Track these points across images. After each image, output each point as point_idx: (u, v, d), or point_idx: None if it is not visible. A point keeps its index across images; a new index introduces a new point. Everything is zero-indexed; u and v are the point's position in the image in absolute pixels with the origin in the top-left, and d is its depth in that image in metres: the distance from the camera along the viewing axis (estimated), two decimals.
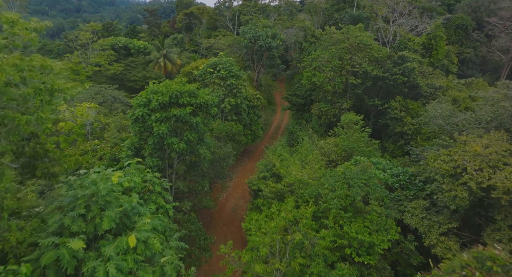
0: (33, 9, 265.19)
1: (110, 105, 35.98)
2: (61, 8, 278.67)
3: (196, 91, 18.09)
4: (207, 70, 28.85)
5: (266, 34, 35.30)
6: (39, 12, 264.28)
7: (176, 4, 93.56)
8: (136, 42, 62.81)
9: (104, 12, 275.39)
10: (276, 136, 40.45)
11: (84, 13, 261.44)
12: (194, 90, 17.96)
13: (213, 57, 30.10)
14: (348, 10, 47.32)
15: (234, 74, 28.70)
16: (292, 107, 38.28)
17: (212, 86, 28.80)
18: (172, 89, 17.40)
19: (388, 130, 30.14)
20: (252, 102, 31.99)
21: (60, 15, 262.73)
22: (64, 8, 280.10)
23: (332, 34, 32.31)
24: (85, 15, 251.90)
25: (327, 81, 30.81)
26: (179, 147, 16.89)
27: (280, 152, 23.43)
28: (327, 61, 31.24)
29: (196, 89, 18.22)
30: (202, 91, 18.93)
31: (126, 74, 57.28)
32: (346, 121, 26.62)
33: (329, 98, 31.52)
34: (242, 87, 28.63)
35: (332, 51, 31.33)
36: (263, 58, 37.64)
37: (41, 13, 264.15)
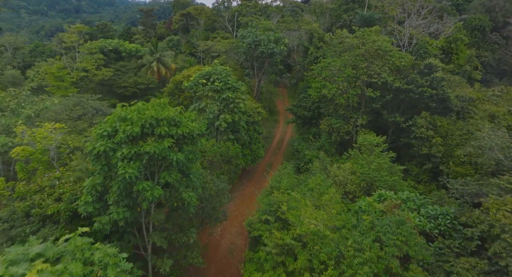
0: (32, 10, 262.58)
1: (91, 118, 31.62)
2: (60, 8, 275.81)
3: (179, 118, 13.71)
4: (199, 81, 24.50)
5: (268, 38, 30.96)
6: (38, 12, 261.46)
7: (173, 5, 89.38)
8: (128, 45, 58.50)
9: (104, 13, 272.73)
10: (280, 151, 36.04)
11: (84, 14, 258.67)
12: (175, 116, 13.59)
13: (208, 66, 25.70)
14: (358, 11, 42.99)
15: (230, 86, 24.35)
16: (297, 120, 33.93)
17: (205, 100, 24.45)
18: (146, 115, 13.03)
19: (411, 150, 25.75)
20: (252, 117, 27.64)
21: (59, 16, 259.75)
22: (64, 8, 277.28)
23: (344, 39, 27.95)
24: (84, 15, 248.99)
25: (339, 93, 26.44)
26: (153, 194, 12.51)
27: (286, 185, 19.04)
28: (340, 70, 26.88)
29: (178, 115, 13.85)
30: (186, 116, 14.57)
31: (116, 79, 52.98)
32: (364, 143, 22.23)
33: (341, 113, 27.15)
34: (241, 101, 24.28)
35: (345, 58, 26.98)
36: (265, 65, 33.29)
37: (40, 13, 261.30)
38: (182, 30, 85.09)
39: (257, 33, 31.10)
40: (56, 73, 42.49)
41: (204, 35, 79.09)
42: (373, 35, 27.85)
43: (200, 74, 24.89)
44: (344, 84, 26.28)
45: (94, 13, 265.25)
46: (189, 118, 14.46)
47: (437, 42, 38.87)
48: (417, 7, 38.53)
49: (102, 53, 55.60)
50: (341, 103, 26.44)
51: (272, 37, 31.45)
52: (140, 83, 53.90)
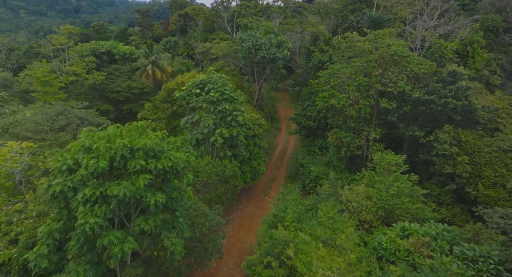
0: (32, 10, 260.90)
1: (75, 129, 28.76)
2: (60, 8, 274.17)
3: (159, 147, 10.83)
4: (193, 91, 21.62)
5: (269, 42, 28.08)
6: (37, 13, 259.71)
7: (170, 5, 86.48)
8: (121, 47, 55.64)
9: (103, 13, 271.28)
10: (282, 164, 33.12)
11: (83, 14, 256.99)
12: (155, 145, 10.70)
13: (203, 74, 22.81)
14: (366, 11, 40.12)
15: (228, 96, 21.48)
16: (301, 130, 31.02)
17: (200, 113, 21.57)
18: (117, 145, 10.16)
19: (431, 168, 22.87)
20: (252, 129, 24.76)
21: (59, 16, 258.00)
22: (63, 8, 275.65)
23: (355, 43, 25.05)
24: (83, 15, 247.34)
25: (349, 103, 23.56)
26: (123, 250, 9.62)
27: (292, 217, 16.15)
28: (350, 78, 24.00)
29: (159, 143, 10.96)
30: (171, 141, 11.72)
31: (109, 84, 50.08)
32: (381, 163, 19.33)
33: (351, 125, 24.26)
34: (239, 114, 21.40)
35: (357, 64, 24.09)
36: (266, 71, 30.40)
37: (39, 13, 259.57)
38: (180, 31, 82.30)
39: (258, 36, 28.15)
40: (42, 77, 39.61)
41: (203, 36, 76.28)
42: (387, 38, 24.97)
43: (194, 83, 22.01)
44: (355, 94, 23.39)
45: (93, 13, 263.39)
46: (173, 145, 11.59)
47: (452, 44, 35.99)
48: (431, 7, 35.60)
49: (95, 56, 52.75)
50: (351, 115, 23.55)
51: (274, 40, 28.49)
52: (134, 88, 51.01)
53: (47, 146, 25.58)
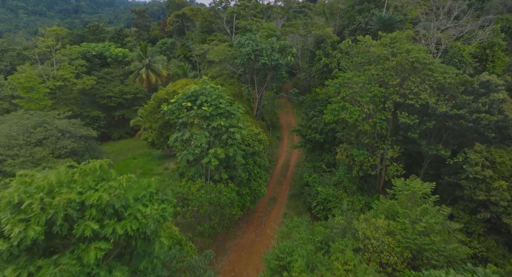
0: (31, 10, 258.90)
1: (55, 143, 25.74)
2: (59, 9, 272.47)
3: (122, 200, 7.77)
4: (183, 104, 18.60)
5: (271, 46, 25.03)
6: (37, 13, 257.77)
7: (167, 5, 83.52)
8: (114, 50, 52.66)
9: (103, 13, 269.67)
10: (285, 179, 30.06)
11: (82, 14, 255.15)
12: (116, 198, 7.65)
13: (194, 84, 19.80)
14: (375, 11, 37.10)
15: (223, 111, 18.46)
16: (306, 144, 27.98)
17: (190, 129, 18.54)
18: (58, 202, 7.12)
19: (459, 192, 19.84)
20: (251, 146, 21.71)
21: (58, 16, 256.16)
22: (62, 8, 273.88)
23: (369, 47, 22.01)
24: (83, 15, 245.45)
25: (363, 117, 20.53)
26: None
27: (301, 265, 13.11)
28: (363, 88, 20.96)
29: (122, 194, 7.91)
30: (143, 185, 8.70)
31: (99, 88, 47.13)
32: (405, 191, 16.28)
33: (365, 142, 21.22)
34: (237, 131, 18.38)
35: (372, 72, 21.04)
36: (267, 79, 27.35)
37: (39, 13, 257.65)
38: (177, 32, 79.34)
39: (258, 40, 25.04)
40: (25, 83, 36.60)
41: (201, 38, 73.32)
42: (406, 42, 21.95)
43: (184, 95, 18.97)
44: (370, 106, 20.35)
45: (93, 14, 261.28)
46: (145, 192, 8.58)
47: (470, 47, 32.94)
48: (447, 7, 32.55)
49: (85, 59, 49.81)
50: (365, 130, 20.51)
51: (277, 45, 25.37)
52: (127, 93, 48.05)
53: (19, 163, 22.60)
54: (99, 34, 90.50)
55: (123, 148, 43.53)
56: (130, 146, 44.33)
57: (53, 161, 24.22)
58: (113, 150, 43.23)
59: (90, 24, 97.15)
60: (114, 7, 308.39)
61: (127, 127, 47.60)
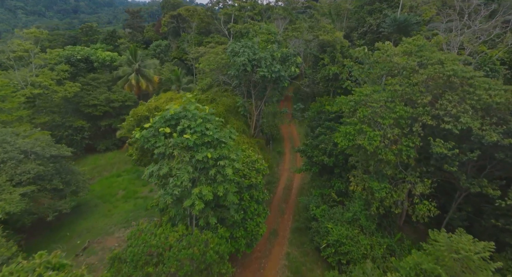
0: (30, 10, 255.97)
1: (14, 167, 21.70)
2: (58, 9, 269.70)
3: None
4: (160, 130, 14.62)
5: (271, 55, 20.92)
6: (35, 13, 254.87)
7: (162, 5, 79.55)
8: (101, 53, 48.62)
9: (102, 13, 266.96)
10: (287, 206, 26.01)
11: (82, 14, 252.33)
12: None
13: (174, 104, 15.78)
14: (387, 12, 33.11)
15: (211, 139, 14.49)
16: (313, 167, 23.94)
17: (169, 163, 14.56)
18: None
19: (509, 238, 15.87)
20: (248, 177, 17.70)
21: (57, 16, 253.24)
22: (61, 9, 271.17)
23: (391, 57, 17.98)
24: (82, 16, 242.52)
25: (385, 143, 16.53)
26: None
27: None
28: (385, 107, 16.97)
29: None
30: None
31: (84, 96, 43.09)
32: (454, 254, 12.27)
33: (387, 173, 17.22)
34: (228, 164, 14.40)
35: (396, 88, 17.02)
36: (267, 92, 23.22)
37: (37, 14, 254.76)
38: (173, 33, 75.32)
39: (255, 47, 20.91)
40: None
41: (197, 40, 69.38)
42: (436, 50, 17.96)
43: (162, 118, 14.98)
44: (394, 130, 16.36)
45: (92, 14, 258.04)
46: None
47: (499, 53, 28.92)
48: (474, 6, 28.48)
49: (69, 64, 45.80)
50: (388, 160, 16.51)
51: (278, 53, 21.20)
52: (114, 100, 44.01)
53: None
54: (92, 35, 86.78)
55: (108, 163, 39.54)
56: (116, 159, 40.33)
57: (10, 190, 20.24)
58: (97, 165, 39.28)
59: (83, 25, 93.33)
60: (114, 7, 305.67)
61: (114, 138, 43.57)
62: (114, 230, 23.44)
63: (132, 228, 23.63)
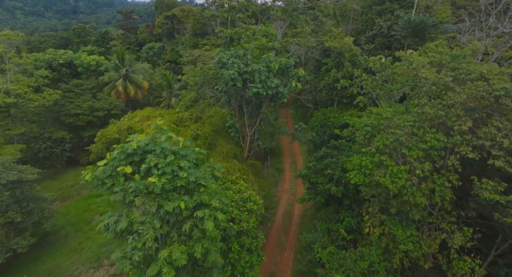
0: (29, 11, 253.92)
1: None
2: (57, 9, 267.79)
3: None
4: (118, 170, 10.99)
5: (267, 66, 17.16)
6: (34, 13, 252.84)
7: (155, 5, 76.12)
8: (85, 57, 44.97)
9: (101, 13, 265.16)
10: (287, 241, 22.29)
11: (80, 15, 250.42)
12: None
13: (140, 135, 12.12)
14: (400, 13, 29.48)
15: (185, 182, 10.85)
16: (317, 196, 20.25)
17: (129, 214, 10.93)
18: None
19: None
20: (238, 221, 14.04)
21: (56, 17, 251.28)
22: (61, 9, 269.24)
23: (417, 70, 14.30)
24: (81, 16, 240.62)
25: (413, 182, 12.87)
26: None
27: None
28: (412, 135, 13.32)
29: None
30: None
31: (65, 104, 39.50)
32: None
33: (415, 217, 13.55)
34: (209, 215, 10.77)
35: (426, 110, 13.35)
36: (262, 110, 19.43)
37: (36, 14, 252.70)
38: (167, 35, 71.81)
39: (247, 57, 17.17)
40: None
41: (192, 42, 65.97)
42: (473, 61, 14.34)
43: (122, 153, 11.35)
44: (425, 166, 12.71)
45: (91, 14, 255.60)
46: None
47: None
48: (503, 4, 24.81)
49: (51, 68, 42.20)
50: (416, 203, 12.86)
51: (276, 64, 17.35)
52: (99, 109, 40.36)
53: None
54: (85, 36, 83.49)
55: None
56: None
57: None
58: (77, 181, 35.50)
59: (75, 26, 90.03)
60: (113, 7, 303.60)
61: None
62: (81, 272, 19.74)
63: (103, 269, 19.99)
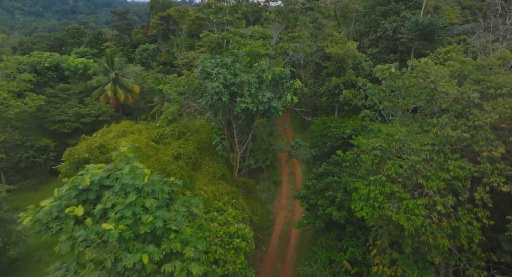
0: (28, 11, 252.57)
1: None
2: (56, 9, 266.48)
3: None
4: (66, 212, 8.71)
5: (257, 76, 14.67)
6: (33, 14, 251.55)
7: (150, 5, 73.93)
8: (73, 60, 42.71)
9: (101, 13, 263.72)
10: (284, 267, 19.99)
11: (80, 15, 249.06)
12: None
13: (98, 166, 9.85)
14: (406, 13, 27.20)
15: (150, 228, 8.55)
16: (317, 220, 17.94)
17: (75, 269, 8.61)
18: None
19: None
20: (222, 263, 11.74)
21: (55, 17, 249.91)
22: (60, 9, 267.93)
23: (436, 82, 12.00)
24: (80, 16, 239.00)
25: (432, 220, 10.60)
26: None
27: None
28: (430, 161, 11.04)
29: None
30: None
31: (50, 110, 37.26)
32: None
33: (435, 260, 11.26)
34: (180, 270, 8.47)
35: (447, 132, 11.06)
36: (254, 126, 17.05)
37: (35, 14, 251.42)
38: (162, 36, 69.59)
39: (236, 66, 14.69)
40: None
41: (188, 43, 63.76)
42: (502, 72, 12.09)
43: (73, 188, 9.10)
44: (447, 200, 10.45)
45: (90, 14, 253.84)
46: None
47: None
48: None
49: (36, 72, 39.97)
50: (437, 245, 10.60)
51: (268, 74, 14.87)
52: (86, 115, 38.09)
53: None
54: (79, 37, 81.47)
55: None
56: None
57: None
58: None
59: (69, 26, 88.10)
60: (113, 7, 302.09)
61: None
62: None
63: None
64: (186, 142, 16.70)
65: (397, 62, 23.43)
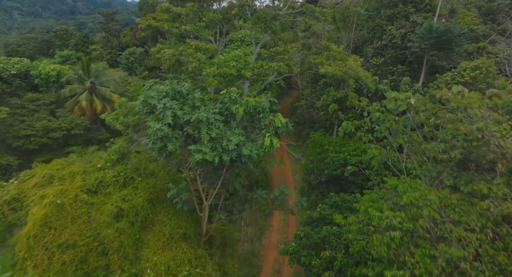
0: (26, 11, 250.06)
1: None
2: (55, 9, 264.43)
3: None
4: None
5: (221, 114, 10.26)
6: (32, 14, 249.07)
7: (139, 6, 70.04)
8: (44, 67, 38.72)
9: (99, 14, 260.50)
10: None
11: (78, 15, 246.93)
12: None
13: None
14: (415, 17, 23.29)
15: None
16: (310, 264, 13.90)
17: None
18: None
19: None
20: None
21: (54, 17, 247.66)
22: (59, 9, 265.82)
23: (485, 130, 8.07)
24: (78, 16, 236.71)
25: None
26: None
27: None
28: (477, 252, 7.05)
29: None
30: None
31: (14, 124, 33.24)
32: None
33: None
34: None
35: (504, 209, 7.11)
36: (223, 175, 12.57)
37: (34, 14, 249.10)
38: (151, 39, 65.68)
39: (194, 96, 10.10)
40: None
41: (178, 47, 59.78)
42: None
43: None
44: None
45: (89, 14, 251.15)
46: None
47: None
48: None
49: (1, 80, 36.02)
50: None
51: (240, 108, 10.38)
52: (56, 129, 34.10)
53: None
54: (67, 39, 77.78)
55: None
56: None
57: None
58: None
59: (57, 28, 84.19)
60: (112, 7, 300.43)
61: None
62: None
63: None
64: (134, 191, 12.47)
65: (407, 76, 19.53)
